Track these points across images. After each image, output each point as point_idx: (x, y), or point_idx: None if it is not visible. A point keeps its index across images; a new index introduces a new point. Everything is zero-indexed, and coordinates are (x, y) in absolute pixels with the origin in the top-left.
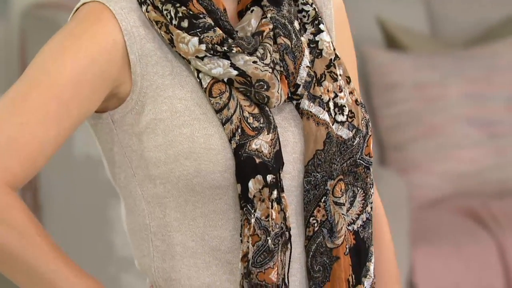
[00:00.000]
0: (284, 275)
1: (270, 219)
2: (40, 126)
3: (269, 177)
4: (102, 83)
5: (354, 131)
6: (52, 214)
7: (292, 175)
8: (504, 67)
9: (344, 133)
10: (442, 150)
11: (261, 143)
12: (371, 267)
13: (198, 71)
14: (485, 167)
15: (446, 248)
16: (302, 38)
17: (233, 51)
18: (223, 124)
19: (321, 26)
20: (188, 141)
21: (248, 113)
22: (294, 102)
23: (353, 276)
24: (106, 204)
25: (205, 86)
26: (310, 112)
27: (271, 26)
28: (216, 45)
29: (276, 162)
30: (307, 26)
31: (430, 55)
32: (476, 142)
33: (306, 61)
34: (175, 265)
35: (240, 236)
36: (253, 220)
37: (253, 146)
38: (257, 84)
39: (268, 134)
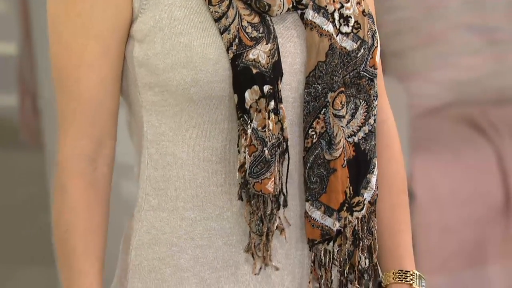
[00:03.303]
0: (281, 185)
1: (266, 130)
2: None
3: (266, 88)
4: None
5: (359, 43)
6: (51, 120)
7: (292, 86)
8: None
9: (348, 44)
10: (442, 58)
11: (258, 53)
12: (373, 179)
13: None
14: (485, 74)
15: (445, 156)
16: None
17: None
18: (221, 33)
19: None
20: (185, 50)
21: (247, 22)
22: (299, 12)
23: (351, 187)
24: None
25: None
26: (314, 22)
27: None
28: None
29: (274, 73)
30: None
31: None
32: (476, 49)
33: None
34: (165, 175)
35: (237, 146)
36: (249, 131)
37: (250, 56)
38: None
39: (267, 44)
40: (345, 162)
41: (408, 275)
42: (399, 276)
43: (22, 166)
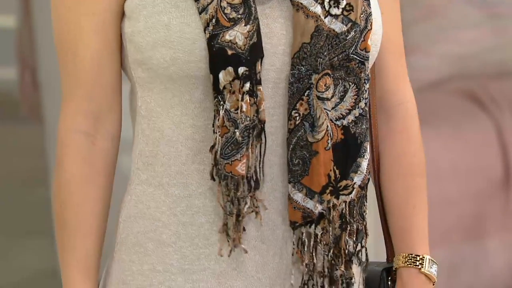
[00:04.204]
0: (255, 168)
1: (239, 112)
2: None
3: (241, 69)
4: None
5: (349, 25)
6: (49, 93)
7: (276, 67)
8: None
9: (337, 26)
10: (442, 32)
11: (236, 34)
12: (364, 163)
13: None
14: (485, 48)
15: (445, 130)
16: None
17: None
18: (200, 13)
19: None
20: (164, 29)
21: (227, 3)
22: None
23: (337, 171)
24: None
25: None
26: (301, 3)
27: None
28: None
29: (252, 54)
30: None
31: None
32: (476, 22)
33: None
34: (154, 150)
35: (213, 127)
36: (222, 112)
37: (227, 37)
38: None
39: (245, 25)
40: (329, 145)
41: (418, 259)
42: (408, 260)
43: (21, 140)
